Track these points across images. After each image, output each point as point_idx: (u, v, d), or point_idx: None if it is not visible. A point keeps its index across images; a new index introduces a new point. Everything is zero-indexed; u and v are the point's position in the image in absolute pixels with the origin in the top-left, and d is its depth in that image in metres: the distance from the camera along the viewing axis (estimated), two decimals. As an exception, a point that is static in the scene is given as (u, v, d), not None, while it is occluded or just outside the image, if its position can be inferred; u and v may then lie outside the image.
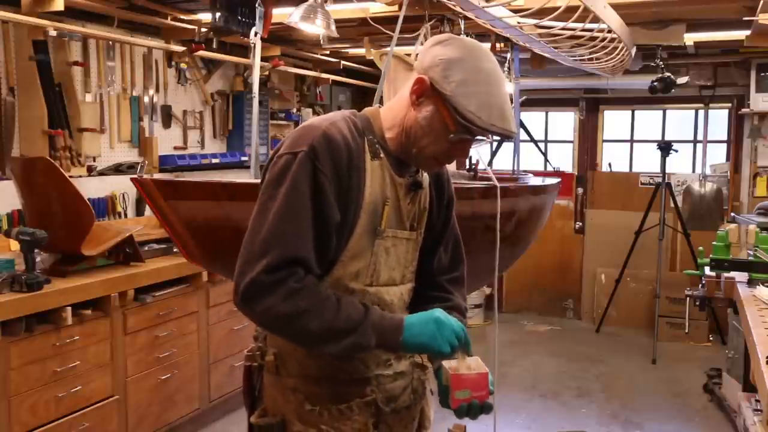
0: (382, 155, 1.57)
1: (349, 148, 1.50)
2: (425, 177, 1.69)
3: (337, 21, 3.56)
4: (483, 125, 1.46)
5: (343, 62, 6.28)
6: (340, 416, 1.58)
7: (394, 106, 1.61)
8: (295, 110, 6.19)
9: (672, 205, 6.13)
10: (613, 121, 7.15)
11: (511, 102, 5.17)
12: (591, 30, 3.23)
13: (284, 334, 1.51)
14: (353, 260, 1.55)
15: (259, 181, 1.59)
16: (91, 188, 4.17)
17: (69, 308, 3.15)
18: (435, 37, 1.56)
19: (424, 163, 1.59)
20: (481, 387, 1.51)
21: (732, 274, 3.41)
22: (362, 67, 6.57)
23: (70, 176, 3.55)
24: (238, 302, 1.46)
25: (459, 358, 1.52)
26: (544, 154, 7.05)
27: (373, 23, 3.93)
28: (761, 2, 3.51)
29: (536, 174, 4.70)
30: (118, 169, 4.41)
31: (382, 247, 1.59)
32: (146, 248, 3.90)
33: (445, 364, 1.53)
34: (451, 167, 5.31)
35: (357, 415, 1.59)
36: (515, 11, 3.17)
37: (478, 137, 1.54)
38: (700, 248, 3.94)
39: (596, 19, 3.05)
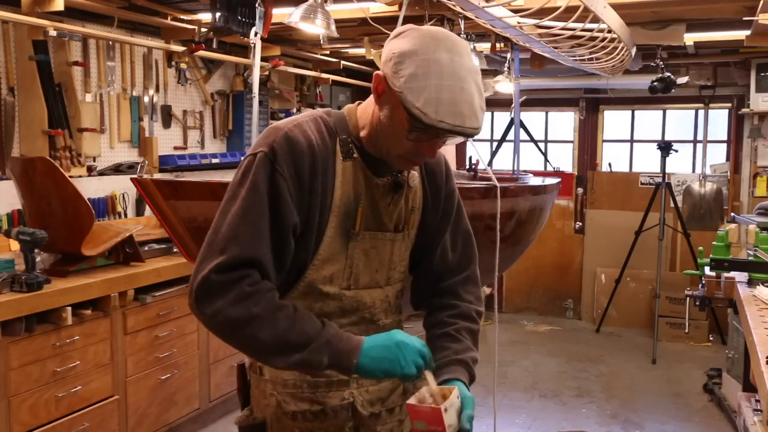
0: (355, 155, 1.51)
1: (313, 150, 1.45)
2: (413, 175, 1.60)
3: (337, 21, 3.56)
4: (430, 122, 1.35)
5: (343, 62, 6.28)
6: (314, 419, 1.55)
7: (367, 104, 1.54)
8: (295, 110, 6.18)
9: (672, 205, 6.13)
10: (613, 121, 7.15)
11: (512, 102, 5.18)
12: (591, 30, 3.23)
13: (233, 341, 1.43)
14: (326, 264, 1.50)
15: None
16: (91, 188, 4.17)
17: (69, 308, 3.14)
18: (394, 31, 1.47)
19: (396, 162, 1.51)
20: (435, 422, 1.39)
21: (732, 274, 3.41)
22: (362, 67, 6.57)
23: (70, 176, 3.55)
24: (191, 304, 1.41)
25: (427, 378, 1.46)
26: (544, 154, 7.04)
27: (373, 23, 3.93)
28: (761, 2, 3.51)
29: (536, 174, 4.70)
30: (118, 169, 4.40)
31: (358, 250, 1.53)
32: (146, 248, 3.90)
33: (419, 391, 1.46)
34: (452, 167, 5.31)
35: (332, 418, 1.56)
36: (515, 11, 3.17)
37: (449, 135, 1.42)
38: (700, 248, 3.94)
39: (596, 19, 3.05)
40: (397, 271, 1.64)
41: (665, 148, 5.92)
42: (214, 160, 5.09)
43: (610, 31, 3.29)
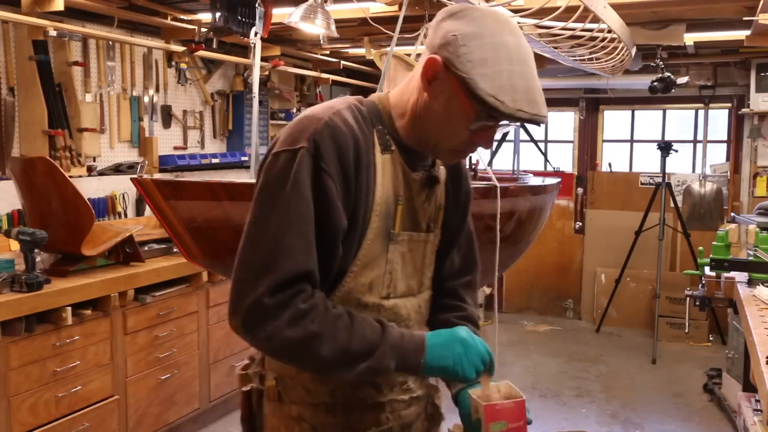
0: (393, 147, 1.37)
1: (357, 141, 1.30)
2: (441, 171, 1.49)
3: (337, 21, 3.57)
4: (507, 111, 1.23)
5: (343, 62, 6.28)
6: None
7: (404, 91, 1.39)
8: (295, 110, 6.19)
9: (672, 205, 6.13)
10: (613, 121, 7.15)
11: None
12: (591, 30, 3.23)
13: (293, 361, 1.32)
14: (366, 270, 1.35)
15: None
16: (91, 188, 4.17)
17: (69, 308, 3.14)
18: (445, 9, 1.32)
19: (443, 154, 1.39)
20: (517, 417, 1.31)
21: (732, 274, 3.41)
22: (362, 67, 6.58)
23: (70, 176, 3.55)
24: (237, 327, 1.26)
25: (483, 383, 1.35)
26: (544, 154, 7.04)
27: (373, 23, 3.93)
28: (761, 2, 3.51)
29: (536, 174, 4.70)
30: (118, 169, 4.40)
31: (397, 253, 1.40)
32: (146, 248, 3.90)
33: (472, 392, 1.34)
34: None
35: None
36: (515, 11, 3.17)
37: (503, 122, 1.32)
38: (700, 248, 3.94)
39: (596, 19, 3.05)
40: (427, 276, 1.52)
41: (665, 148, 5.92)
42: (214, 160, 5.10)
43: (610, 31, 3.29)
